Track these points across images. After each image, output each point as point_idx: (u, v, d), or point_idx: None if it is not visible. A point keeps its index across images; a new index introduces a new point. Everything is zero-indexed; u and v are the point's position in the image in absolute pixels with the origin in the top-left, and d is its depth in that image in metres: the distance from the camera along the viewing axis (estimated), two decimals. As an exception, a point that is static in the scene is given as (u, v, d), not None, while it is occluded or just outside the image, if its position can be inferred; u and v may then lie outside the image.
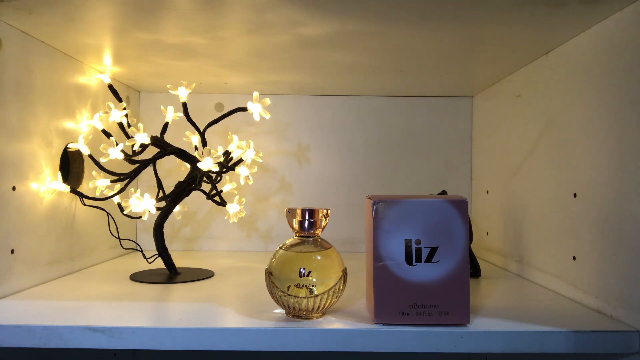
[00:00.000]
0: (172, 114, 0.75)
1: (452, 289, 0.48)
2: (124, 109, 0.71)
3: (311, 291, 0.49)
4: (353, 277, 0.68)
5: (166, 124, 0.74)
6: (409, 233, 0.49)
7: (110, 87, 0.73)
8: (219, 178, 0.76)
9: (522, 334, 0.47)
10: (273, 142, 1.01)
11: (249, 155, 0.74)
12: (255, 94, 0.69)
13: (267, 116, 0.69)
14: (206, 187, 0.76)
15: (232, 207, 0.76)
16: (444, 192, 0.76)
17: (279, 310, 0.54)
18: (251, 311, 0.54)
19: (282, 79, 0.87)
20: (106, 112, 0.72)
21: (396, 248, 0.48)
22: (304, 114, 1.01)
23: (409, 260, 0.48)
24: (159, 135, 0.72)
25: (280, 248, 0.52)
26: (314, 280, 0.49)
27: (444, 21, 0.57)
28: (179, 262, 0.82)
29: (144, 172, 0.73)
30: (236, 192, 0.80)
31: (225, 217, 0.76)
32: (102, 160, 0.69)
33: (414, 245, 0.48)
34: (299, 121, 1.01)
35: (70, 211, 0.74)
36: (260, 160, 0.76)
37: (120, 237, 0.80)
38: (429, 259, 0.48)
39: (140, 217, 0.70)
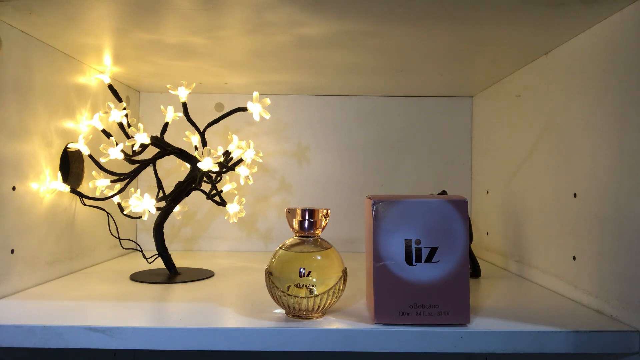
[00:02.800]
0: (172, 114, 0.75)
1: (452, 289, 0.48)
2: (124, 109, 0.71)
3: (311, 291, 0.49)
4: (353, 277, 0.68)
5: (166, 124, 0.74)
6: (409, 233, 0.49)
7: (110, 87, 0.73)
8: (219, 178, 0.76)
9: (522, 334, 0.47)
10: (273, 142, 1.01)
11: (249, 155, 0.74)
12: (255, 94, 0.69)
13: (267, 116, 0.69)
14: (206, 187, 0.76)
15: (232, 207, 0.76)
16: (444, 192, 0.76)
17: (279, 310, 0.54)
18: (251, 311, 0.54)
19: (282, 79, 0.87)
20: (106, 112, 0.72)
21: (396, 248, 0.48)
22: (304, 114, 1.01)
23: (409, 260, 0.48)
24: (159, 135, 0.72)
25: (280, 248, 0.52)
26: (314, 280, 0.49)
27: (443, 21, 0.57)
28: (179, 262, 0.82)
29: (144, 172, 0.73)
30: (236, 192, 0.80)
31: (225, 217, 0.76)
32: (102, 160, 0.69)
33: (414, 245, 0.48)
34: (299, 121, 1.01)
35: (70, 211, 0.74)
36: (260, 160, 0.76)
37: (120, 237, 0.80)
38: (429, 259, 0.48)
39: (140, 217, 0.70)
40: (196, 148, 0.76)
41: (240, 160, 0.74)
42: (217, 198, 0.76)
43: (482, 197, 0.95)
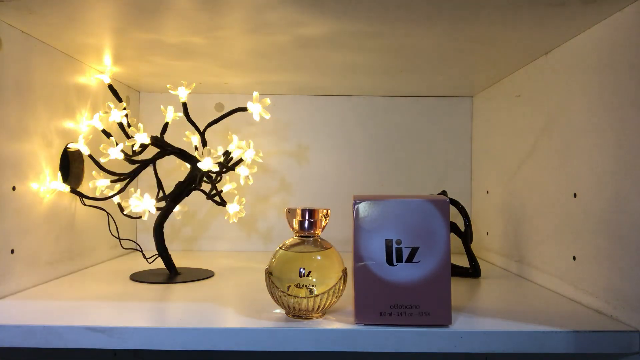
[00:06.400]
0: (172, 114, 0.75)
1: (433, 289, 0.48)
2: (124, 109, 0.71)
3: (311, 291, 0.49)
4: (353, 277, 0.67)
5: (166, 124, 0.74)
6: (389, 233, 0.48)
7: (110, 87, 0.73)
8: (219, 178, 0.76)
9: (522, 334, 0.47)
10: (273, 142, 1.01)
11: (249, 155, 0.74)
12: (255, 94, 0.69)
13: (267, 116, 0.69)
14: (206, 187, 0.76)
15: (232, 207, 0.76)
16: (444, 192, 0.76)
17: (279, 310, 0.54)
18: (251, 311, 0.54)
19: (282, 79, 0.87)
20: (106, 112, 0.72)
21: (377, 248, 0.48)
22: (304, 114, 1.01)
23: (389, 260, 0.48)
24: (159, 135, 0.72)
25: (280, 248, 0.52)
26: (314, 280, 0.49)
27: (444, 21, 0.57)
28: (179, 262, 0.82)
29: (144, 172, 0.73)
30: (236, 192, 0.80)
31: (225, 217, 0.76)
32: (102, 160, 0.69)
33: (394, 245, 0.48)
34: (299, 121, 1.01)
35: (70, 211, 0.74)
36: (260, 160, 0.76)
37: (120, 237, 0.80)
38: (409, 259, 0.48)
39: (140, 217, 0.70)
40: (196, 148, 0.76)
41: (240, 160, 0.74)
42: (217, 198, 0.76)
43: (482, 197, 0.95)
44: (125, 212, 0.70)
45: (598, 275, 0.55)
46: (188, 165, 0.73)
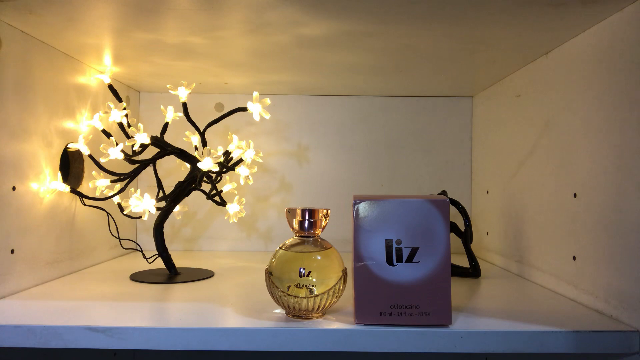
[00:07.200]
0: (172, 114, 0.75)
1: (433, 289, 0.48)
2: (124, 109, 0.71)
3: (311, 291, 0.49)
4: (353, 277, 0.67)
5: (166, 124, 0.74)
6: (389, 233, 0.48)
7: (110, 87, 0.73)
8: (219, 178, 0.76)
9: (522, 334, 0.47)
10: (273, 142, 1.01)
11: (249, 155, 0.74)
12: (255, 94, 0.69)
13: (267, 116, 0.69)
14: (206, 187, 0.76)
15: (232, 207, 0.76)
16: (444, 192, 0.76)
17: (279, 310, 0.54)
18: (251, 311, 0.54)
19: (282, 79, 0.87)
20: (106, 112, 0.72)
21: (377, 248, 0.48)
22: (304, 114, 1.01)
23: (389, 260, 0.48)
24: (159, 135, 0.72)
25: (280, 248, 0.52)
26: (314, 280, 0.49)
27: (443, 21, 0.57)
28: (179, 262, 0.82)
29: (144, 172, 0.73)
30: (236, 192, 0.80)
31: (225, 217, 0.76)
32: (102, 160, 0.69)
33: (394, 245, 0.48)
34: (299, 121, 1.01)
35: (70, 211, 0.74)
36: (260, 160, 0.76)
37: (120, 237, 0.80)
38: (409, 259, 0.48)
39: (140, 217, 0.70)
40: (196, 148, 0.76)
41: (240, 160, 0.74)
42: (217, 198, 0.76)
43: (482, 197, 0.95)
44: (125, 212, 0.70)
45: (598, 275, 0.55)
46: (188, 165, 0.73)
